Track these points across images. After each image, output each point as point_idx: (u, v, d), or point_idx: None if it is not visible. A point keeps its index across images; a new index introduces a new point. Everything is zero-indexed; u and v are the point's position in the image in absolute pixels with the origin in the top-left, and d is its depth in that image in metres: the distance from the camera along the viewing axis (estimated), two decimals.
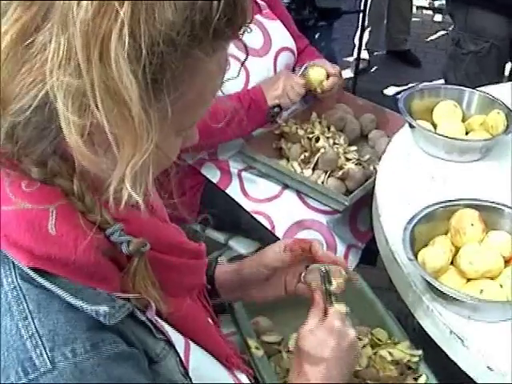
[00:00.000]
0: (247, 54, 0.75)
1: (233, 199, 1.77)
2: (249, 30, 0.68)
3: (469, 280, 1.19)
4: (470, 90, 1.68)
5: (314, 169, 1.73)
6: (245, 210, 1.75)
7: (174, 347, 0.81)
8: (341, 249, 1.69)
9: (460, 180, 1.51)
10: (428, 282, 1.16)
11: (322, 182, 1.71)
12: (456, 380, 1.19)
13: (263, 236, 1.75)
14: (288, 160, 1.79)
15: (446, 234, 1.28)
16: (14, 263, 0.69)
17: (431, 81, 3.64)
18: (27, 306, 0.68)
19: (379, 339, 1.27)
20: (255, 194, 1.76)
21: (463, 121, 1.65)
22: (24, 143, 0.66)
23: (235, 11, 0.64)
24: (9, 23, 0.60)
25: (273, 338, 1.26)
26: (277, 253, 1.11)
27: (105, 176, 0.65)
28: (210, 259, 1.18)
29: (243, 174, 1.78)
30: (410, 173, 1.54)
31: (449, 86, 1.70)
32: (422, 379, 1.20)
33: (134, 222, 0.76)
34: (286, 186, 1.74)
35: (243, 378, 0.99)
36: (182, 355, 0.83)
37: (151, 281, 0.78)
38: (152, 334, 0.78)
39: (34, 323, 0.67)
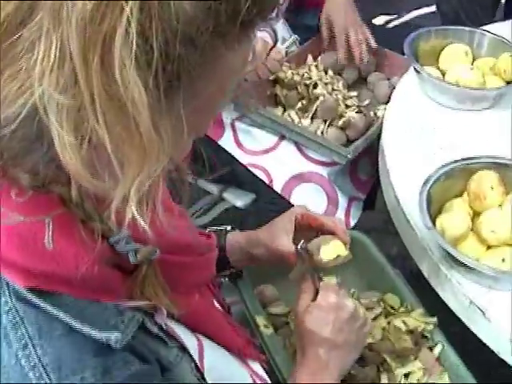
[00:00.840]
0: (276, 41, 0.63)
1: (226, 151, 1.67)
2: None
3: (489, 247, 1.12)
4: (481, 31, 1.56)
5: (312, 118, 1.63)
6: (240, 162, 1.65)
7: (187, 352, 0.74)
8: (342, 203, 1.61)
9: (471, 130, 1.42)
10: (445, 249, 1.09)
11: (322, 133, 1.61)
12: (473, 346, 1.14)
13: (260, 189, 1.66)
14: (284, 108, 1.68)
15: (461, 194, 1.21)
16: (7, 282, 0.60)
17: (419, 8, 3.51)
18: (26, 331, 0.59)
19: (392, 307, 1.21)
20: (250, 145, 1.66)
21: (472, 63, 1.55)
22: (10, 157, 0.55)
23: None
24: None
25: (279, 309, 1.20)
26: (287, 244, 1.07)
27: (106, 194, 0.55)
28: (220, 230, 1.12)
29: (237, 123, 1.67)
30: (419, 123, 1.45)
31: (458, 28, 1.58)
32: (438, 348, 1.15)
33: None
34: (283, 137, 1.64)
35: (256, 366, 0.93)
36: (196, 358, 0.76)
37: (161, 287, 0.70)
38: (164, 342, 0.71)
39: (36, 351, 0.58)
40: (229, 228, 1.15)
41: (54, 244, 0.59)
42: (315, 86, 1.65)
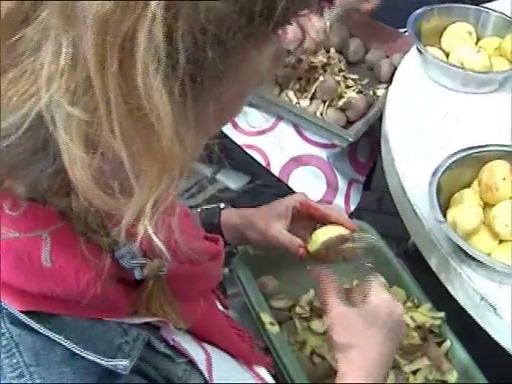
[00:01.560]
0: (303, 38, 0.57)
1: (221, 131, 1.61)
2: None
3: (501, 241, 1.08)
4: (486, 9, 1.51)
5: (311, 98, 1.57)
6: (235, 143, 1.60)
7: (196, 366, 0.70)
8: (342, 186, 1.57)
9: (477, 114, 1.38)
10: (455, 244, 1.05)
11: (321, 114, 1.55)
12: (481, 341, 1.11)
13: (256, 171, 1.62)
14: (281, 88, 1.62)
15: (470, 184, 1.17)
16: (0, 303, 0.54)
17: None
18: (22, 359, 0.54)
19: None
20: (246, 125, 1.60)
21: (476, 43, 1.50)
22: (8, 169, 0.49)
23: None
24: None
25: (283, 303, 1.16)
26: (283, 234, 1.02)
27: (116, 211, 0.49)
28: (214, 208, 1.08)
29: None
30: (422, 107, 1.40)
31: (462, 6, 1.52)
32: (446, 345, 1.12)
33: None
34: (280, 118, 1.58)
35: (262, 371, 0.89)
36: (205, 372, 0.72)
37: (168, 302, 0.65)
38: (171, 358, 0.66)
39: (34, 380, 0.53)
40: (222, 205, 1.10)
41: (53, 261, 0.54)
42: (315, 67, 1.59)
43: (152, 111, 0.42)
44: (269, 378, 0.89)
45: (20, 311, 0.54)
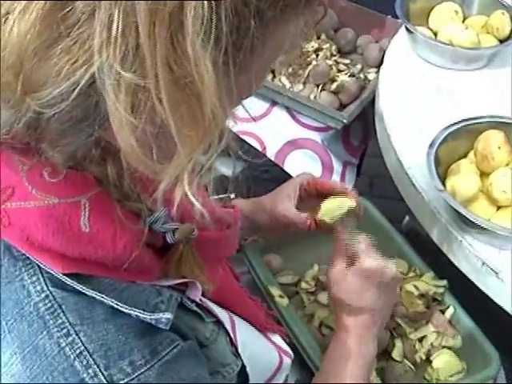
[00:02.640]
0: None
1: None
2: None
3: (499, 208, 1.11)
4: None
5: (304, 83, 1.60)
6: (230, 130, 1.61)
7: (223, 326, 0.73)
8: (337, 168, 1.59)
9: (467, 89, 1.41)
10: (455, 211, 1.08)
11: (315, 97, 1.58)
12: (484, 307, 1.14)
13: (252, 157, 1.63)
14: (274, 73, 1.64)
15: (466, 155, 1.20)
16: (39, 266, 0.56)
17: None
18: (67, 319, 0.56)
19: (401, 272, 1.20)
20: (240, 112, 1.61)
21: (462, 22, 1.53)
22: (50, 137, 0.51)
23: None
24: None
25: (289, 278, 1.19)
26: (290, 209, 1.04)
27: (155, 175, 0.50)
28: (223, 197, 1.10)
29: None
30: (413, 84, 1.43)
31: None
32: (450, 311, 1.15)
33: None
34: (274, 103, 1.60)
35: (278, 339, 0.91)
36: (230, 332, 0.74)
37: (198, 264, 0.67)
38: (200, 317, 0.69)
39: (80, 338, 0.55)
40: (232, 196, 1.12)
41: (91, 226, 0.55)
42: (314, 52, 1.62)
43: (198, 79, 0.44)
44: (286, 347, 0.91)
45: (62, 273, 0.56)
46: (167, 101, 0.44)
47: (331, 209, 1.00)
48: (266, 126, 1.60)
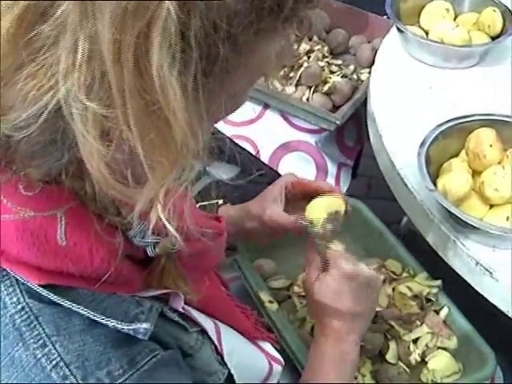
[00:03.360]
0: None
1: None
2: None
3: (491, 206, 1.10)
4: None
5: (296, 85, 1.59)
6: (223, 134, 1.61)
7: (207, 335, 0.72)
8: (332, 169, 1.58)
9: (459, 88, 1.40)
10: (447, 211, 1.07)
11: (307, 99, 1.57)
12: (479, 306, 1.12)
13: (246, 161, 1.62)
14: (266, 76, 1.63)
15: (458, 154, 1.19)
16: (16, 278, 0.56)
17: None
18: (43, 330, 0.55)
19: (394, 272, 1.19)
20: (234, 116, 1.61)
21: (454, 20, 1.52)
22: (20, 158, 0.51)
23: None
24: (3, 6, 0.43)
25: (280, 283, 1.18)
26: (278, 212, 1.02)
27: (130, 199, 0.50)
28: (211, 204, 1.09)
29: None
30: (405, 84, 1.42)
31: None
32: (444, 311, 1.14)
33: None
34: (267, 106, 1.60)
35: (268, 346, 0.90)
36: (215, 341, 0.73)
37: (180, 276, 0.67)
38: (183, 327, 0.68)
39: (56, 349, 0.55)
40: (220, 202, 1.11)
41: (68, 239, 0.55)
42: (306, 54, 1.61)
43: (166, 106, 0.43)
44: (276, 354, 0.90)
45: (38, 285, 0.55)
46: (135, 128, 0.44)
47: (317, 209, 0.97)
48: (260, 130, 1.59)
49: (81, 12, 0.41)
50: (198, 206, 1.09)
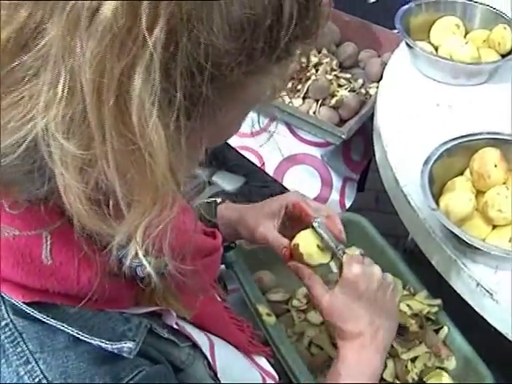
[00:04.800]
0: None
1: None
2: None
3: (494, 226, 1.09)
4: (473, 3, 1.52)
5: (303, 98, 1.58)
6: (229, 145, 1.60)
7: (200, 350, 0.71)
8: (337, 183, 1.58)
9: (467, 105, 1.39)
10: (449, 230, 1.05)
11: (314, 113, 1.56)
12: (479, 327, 1.11)
13: (251, 172, 1.62)
14: None
15: (462, 172, 1.18)
16: (1, 295, 0.55)
17: None
18: (27, 347, 0.54)
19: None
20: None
21: (464, 36, 1.51)
22: (3, 183, 0.50)
23: (307, 26, 0.48)
24: None
25: (279, 296, 1.16)
26: (272, 235, 0.98)
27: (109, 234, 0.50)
28: (211, 202, 1.08)
29: None
30: (413, 100, 1.41)
31: (449, 0, 1.54)
32: (444, 331, 1.13)
33: None
34: (273, 118, 1.59)
35: (262, 361, 0.89)
36: (208, 356, 0.72)
37: (172, 294, 0.66)
38: (174, 343, 0.67)
39: (39, 366, 0.54)
40: (219, 200, 1.10)
41: (53, 258, 0.54)
42: (307, 67, 1.60)
43: (146, 146, 0.42)
44: (271, 369, 0.89)
45: (23, 302, 0.54)
46: (115, 166, 0.43)
47: (307, 242, 0.93)
48: (265, 142, 1.58)
49: (63, 46, 0.40)
50: (197, 204, 1.08)
